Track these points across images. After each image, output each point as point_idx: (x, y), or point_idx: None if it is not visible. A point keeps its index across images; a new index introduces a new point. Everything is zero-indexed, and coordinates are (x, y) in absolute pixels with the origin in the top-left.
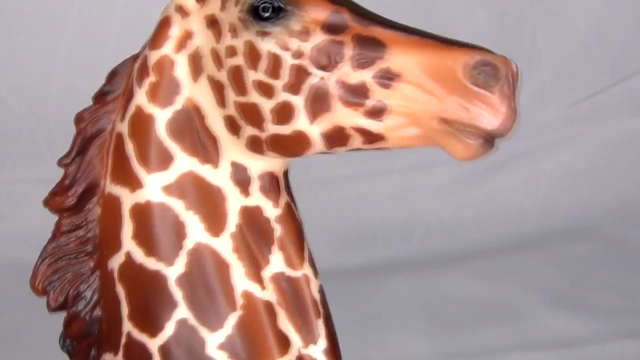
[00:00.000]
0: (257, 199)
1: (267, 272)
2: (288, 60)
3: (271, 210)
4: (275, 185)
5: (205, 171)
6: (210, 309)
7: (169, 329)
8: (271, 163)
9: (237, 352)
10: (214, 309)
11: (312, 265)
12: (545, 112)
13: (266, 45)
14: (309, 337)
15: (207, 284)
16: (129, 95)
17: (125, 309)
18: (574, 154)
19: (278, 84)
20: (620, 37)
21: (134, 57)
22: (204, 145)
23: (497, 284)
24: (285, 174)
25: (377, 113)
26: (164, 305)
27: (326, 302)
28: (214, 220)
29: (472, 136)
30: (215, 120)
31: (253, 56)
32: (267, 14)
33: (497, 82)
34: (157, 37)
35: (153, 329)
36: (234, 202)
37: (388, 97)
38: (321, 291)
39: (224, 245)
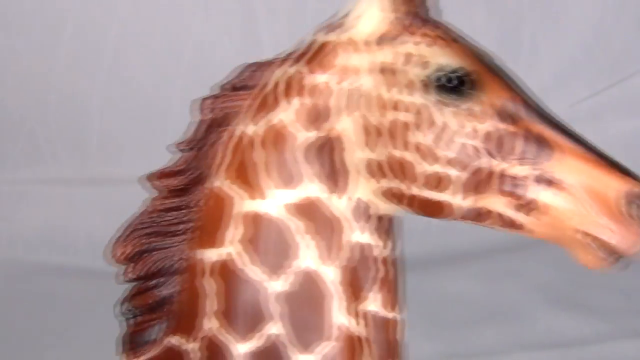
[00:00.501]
0: (370, 237)
1: (363, 308)
2: (461, 137)
3: (380, 251)
4: (388, 227)
5: (330, 200)
6: (305, 332)
7: (258, 340)
8: (392, 208)
9: None
10: (307, 333)
11: (401, 309)
12: None
13: (443, 116)
14: None
15: (306, 307)
16: (267, 102)
17: (213, 305)
18: None
19: (443, 155)
20: (620, 37)
21: (279, 62)
22: (334, 176)
23: (497, 284)
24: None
25: (527, 208)
26: (259, 316)
27: (403, 345)
28: (328, 249)
29: (604, 252)
30: (352, 156)
31: (425, 121)
32: (451, 85)
33: None
34: (320, 61)
35: (242, 335)
36: (349, 236)
37: (542, 198)
38: (402, 334)
39: (332, 275)
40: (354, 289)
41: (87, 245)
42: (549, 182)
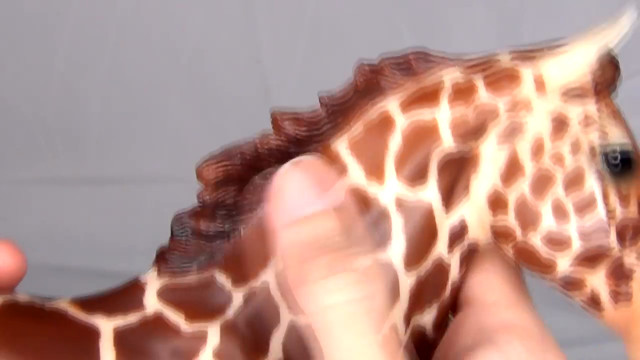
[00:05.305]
0: (453, 259)
1: (415, 321)
2: (600, 211)
3: (456, 275)
4: (471, 257)
5: (438, 211)
6: None
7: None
8: (486, 239)
9: None
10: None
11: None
12: None
13: (593, 186)
14: None
15: None
16: (426, 97)
17: (278, 263)
18: None
19: (577, 220)
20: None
21: (448, 63)
22: (451, 190)
23: None
24: None
25: (619, 297)
26: None
27: None
28: (415, 253)
29: None
30: (480, 181)
31: (575, 183)
32: (615, 163)
33: None
34: (498, 83)
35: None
36: (437, 250)
37: (638, 296)
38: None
39: (407, 282)
40: (418, 301)
41: (87, 245)
42: None
